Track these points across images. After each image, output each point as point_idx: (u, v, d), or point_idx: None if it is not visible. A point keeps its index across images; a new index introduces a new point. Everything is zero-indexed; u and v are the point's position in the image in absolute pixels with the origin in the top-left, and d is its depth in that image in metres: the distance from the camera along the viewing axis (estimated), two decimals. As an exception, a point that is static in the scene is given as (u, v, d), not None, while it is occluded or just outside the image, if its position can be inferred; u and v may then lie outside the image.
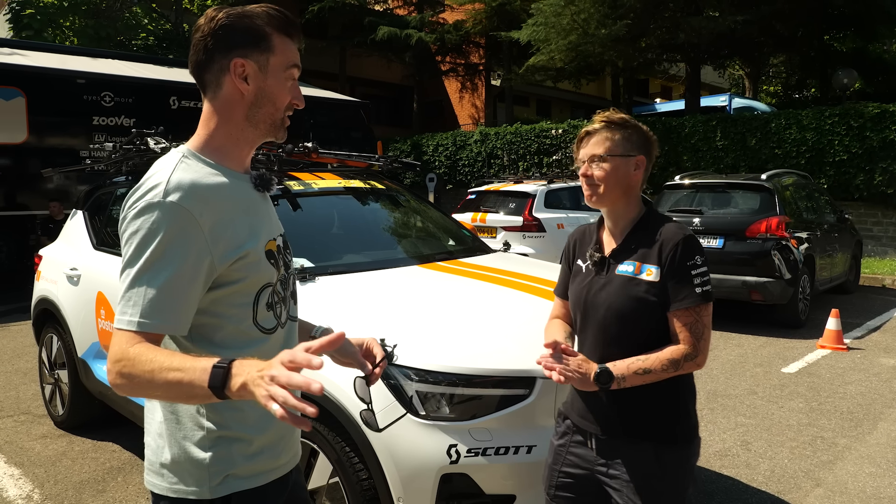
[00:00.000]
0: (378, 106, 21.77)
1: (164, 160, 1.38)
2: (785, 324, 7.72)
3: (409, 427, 2.37)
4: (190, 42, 1.41)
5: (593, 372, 1.77)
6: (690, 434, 1.89)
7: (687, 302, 1.78)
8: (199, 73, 1.40)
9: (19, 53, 11.98)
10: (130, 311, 1.25)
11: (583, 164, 1.89)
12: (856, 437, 4.43)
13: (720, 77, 29.62)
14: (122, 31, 20.96)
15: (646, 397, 1.84)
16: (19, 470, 3.97)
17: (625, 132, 1.88)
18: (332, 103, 14.73)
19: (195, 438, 1.38)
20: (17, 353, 6.71)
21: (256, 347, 1.40)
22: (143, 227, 1.27)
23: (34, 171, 10.10)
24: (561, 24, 14.43)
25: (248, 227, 1.38)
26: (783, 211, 7.61)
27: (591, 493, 1.94)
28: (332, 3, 21.05)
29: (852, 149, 12.24)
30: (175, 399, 1.31)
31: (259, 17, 1.38)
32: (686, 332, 1.79)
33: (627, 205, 1.90)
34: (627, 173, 1.86)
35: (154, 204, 1.27)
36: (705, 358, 1.83)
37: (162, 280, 1.26)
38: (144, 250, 1.26)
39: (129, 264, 1.27)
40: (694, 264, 1.79)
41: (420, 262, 3.57)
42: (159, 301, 1.26)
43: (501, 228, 9.62)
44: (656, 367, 1.78)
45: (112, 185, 4.56)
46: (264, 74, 1.38)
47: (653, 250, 1.83)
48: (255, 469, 1.43)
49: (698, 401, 5.18)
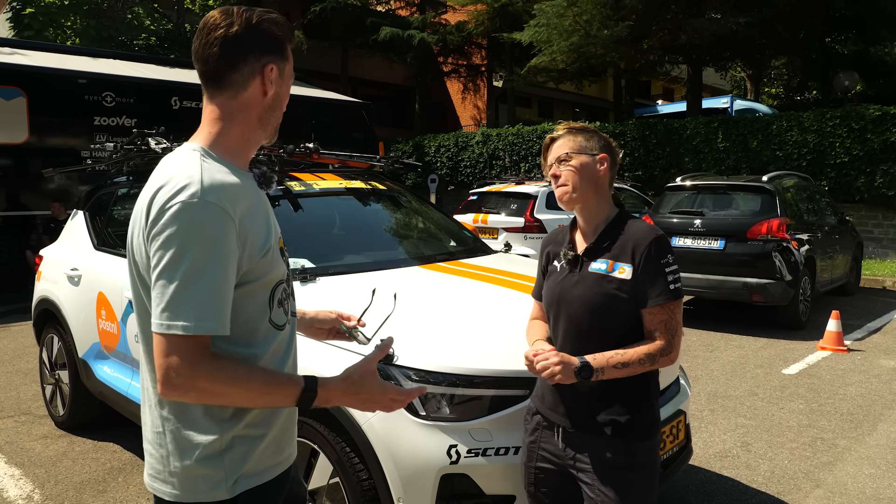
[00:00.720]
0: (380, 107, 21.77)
1: (180, 158, 1.35)
2: (785, 325, 7.71)
3: (409, 427, 2.37)
4: (191, 42, 1.41)
5: (575, 366, 1.83)
6: (654, 425, 1.97)
7: (661, 298, 1.86)
8: (222, 70, 1.37)
9: (20, 53, 11.98)
10: (184, 315, 1.23)
11: (551, 168, 1.98)
12: (856, 439, 4.43)
13: (722, 79, 29.62)
14: (124, 31, 20.98)
15: (614, 391, 1.91)
16: (20, 470, 3.97)
17: (586, 135, 1.98)
18: (334, 104, 14.74)
19: (209, 441, 1.35)
20: (17, 353, 6.72)
21: (270, 345, 1.41)
22: (183, 228, 1.24)
23: (35, 171, 10.11)
24: (563, 26, 14.43)
25: (266, 225, 1.39)
26: (784, 213, 7.61)
27: (567, 486, 1.99)
28: (335, 4, 21.05)
29: (853, 151, 12.23)
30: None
31: (279, 24, 1.41)
32: (662, 328, 1.88)
33: (598, 203, 1.98)
34: (594, 169, 1.95)
35: (192, 204, 1.25)
36: (678, 353, 1.93)
37: (210, 282, 1.25)
38: (188, 252, 1.23)
39: (172, 267, 1.24)
40: (666, 262, 1.88)
41: (421, 263, 3.57)
42: (211, 303, 1.25)
43: (503, 229, 9.63)
44: (633, 361, 1.85)
45: (113, 186, 4.57)
46: (282, 80, 1.43)
47: (626, 249, 1.91)
48: (263, 465, 1.43)
49: (698, 402, 5.19)
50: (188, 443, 1.35)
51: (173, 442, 1.36)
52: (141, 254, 1.33)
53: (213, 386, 1.27)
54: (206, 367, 1.25)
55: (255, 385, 1.30)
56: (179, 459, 1.36)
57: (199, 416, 1.35)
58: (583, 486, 1.93)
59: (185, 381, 1.24)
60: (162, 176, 1.31)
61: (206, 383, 1.26)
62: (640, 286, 1.87)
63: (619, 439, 1.90)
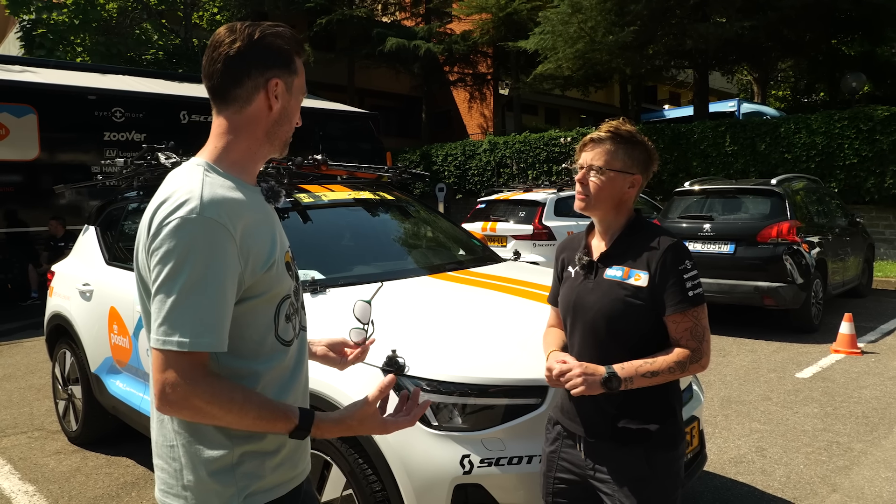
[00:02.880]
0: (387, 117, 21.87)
1: (183, 173, 1.36)
2: (798, 328, 7.66)
3: (421, 438, 2.37)
4: (199, 56, 1.42)
5: (601, 376, 1.79)
6: (678, 436, 1.93)
7: (683, 306, 1.83)
8: (227, 86, 1.38)
9: (31, 71, 12.14)
10: (180, 330, 1.23)
11: (580, 171, 1.93)
12: (871, 442, 4.39)
13: (728, 82, 29.52)
14: (133, 47, 21.18)
15: (637, 400, 1.87)
16: (34, 486, 3.98)
17: (629, 147, 1.90)
18: (341, 115, 14.82)
19: (220, 455, 1.35)
20: (30, 369, 6.76)
21: (278, 361, 1.41)
22: (181, 243, 1.24)
23: (46, 187, 10.21)
24: (568, 33, 14.45)
25: (270, 239, 1.39)
26: (794, 215, 7.57)
27: (586, 497, 1.96)
28: (341, 16, 21.19)
29: (862, 152, 12.17)
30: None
31: (285, 38, 1.40)
32: (688, 335, 1.84)
33: (618, 215, 1.95)
34: (622, 189, 1.90)
35: (191, 220, 1.25)
36: (709, 359, 1.88)
37: (208, 298, 1.25)
38: (185, 268, 1.23)
39: (170, 282, 1.24)
40: (684, 269, 1.84)
41: (431, 273, 3.57)
42: (208, 319, 1.25)
43: (512, 237, 9.62)
44: (663, 370, 1.81)
45: (124, 201, 4.60)
46: (289, 94, 1.42)
47: (642, 256, 1.87)
48: (276, 480, 1.42)
49: (712, 407, 5.15)
50: (200, 457, 1.35)
51: (186, 456, 1.36)
52: (144, 269, 1.33)
53: (208, 407, 1.27)
54: (201, 388, 1.26)
55: (248, 413, 1.30)
56: (193, 473, 1.35)
57: (211, 430, 1.35)
58: (603, 497, 1.90)
59: (180, 398, 1.25)
60: (165, 191, 1.32)
61: (201, 403, 1.26)
62: (659, 294, 1.84)
63: (641, 449, 1.86)
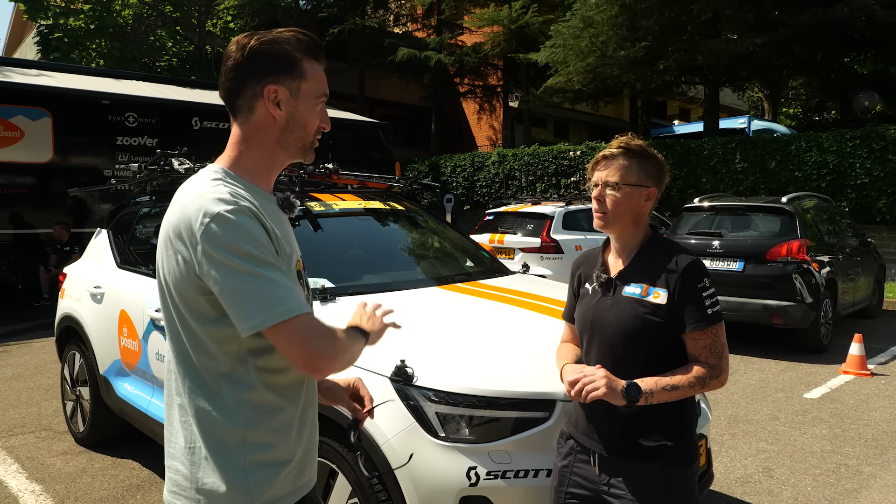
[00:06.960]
0: (396, 127, 21.93)
1: (200, 180, 1.37)
2: (807, 348, 7.61)
3: (428, 448, 2.37)
4: (212, 64, 1.44)
5: (621, 386, 1.79)
6: (693, 453, 1.93)
7: (702, 324, 1.83)
8: (231, 98, 1.41)
9: (46, 75, 12.25)
10: (275, 306, 1.27)
11: (596, 188, 1.94)
12: (881, 465, 4.35)
13: (739, 99, 29.53)
14: (147, 53, 21.37)
15: (653, 417, 1.87)
16: (40, 486, 4.00)
17: (641, 161, 1.91)
18: (352, 124, 14.88)
19: (237, 462, 1.35)
20: (39, 369, 6.79)
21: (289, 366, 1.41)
22: (225, 238, 1.26)
23: (59, 189, 10.28)
24: (579, 47, 14.50)
25: (286, 245, 1.41)
26: (804, 234, 7.54)
27: None
28: (353, 26, 21.34)
29: (874, 171, 12.14)
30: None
31: (289, 43, 1.40)
32: (707, 352, 1.85)
33: (636, 231, 1.95)
34: (638, 203, 1.91)
35: (223, 216, 1.27)
36: (727, 375, 1.88)
37: (271, 274, 1.28)
38: (239, 257, 1.26)
39: (234, 276, 1.26)
40: (703, 287, 1.85)
41: (439, 284, 3.58)
42: (286, 285, 1.30)
43: (519, 250, 9.62)
44: (683, 384, 1.82)
45: (136, 205, 4.63)
46: (296, 100, 1.41)
47: (660, 274, 1.88)
48: (284, 490, 1.42)
49: (719, 426, 5.10)
50: (220, 463, 1.35)
51: (201, 459, 1.36)
52: (174, 274, 1.34)
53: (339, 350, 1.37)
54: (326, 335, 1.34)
55: (343, 334, 1.42)
56: (207, 477, 1.36)
57: (228, 435, 1.35)
58: None
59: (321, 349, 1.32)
60: (188, 197, 1.33)
61: (334, 349, 1.35)
62: (677, 312, 1.84)
63: (657, 466, 1.86)
